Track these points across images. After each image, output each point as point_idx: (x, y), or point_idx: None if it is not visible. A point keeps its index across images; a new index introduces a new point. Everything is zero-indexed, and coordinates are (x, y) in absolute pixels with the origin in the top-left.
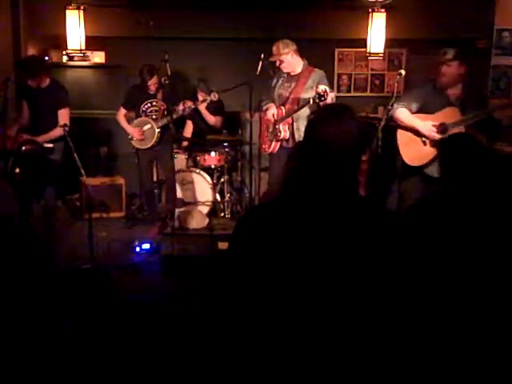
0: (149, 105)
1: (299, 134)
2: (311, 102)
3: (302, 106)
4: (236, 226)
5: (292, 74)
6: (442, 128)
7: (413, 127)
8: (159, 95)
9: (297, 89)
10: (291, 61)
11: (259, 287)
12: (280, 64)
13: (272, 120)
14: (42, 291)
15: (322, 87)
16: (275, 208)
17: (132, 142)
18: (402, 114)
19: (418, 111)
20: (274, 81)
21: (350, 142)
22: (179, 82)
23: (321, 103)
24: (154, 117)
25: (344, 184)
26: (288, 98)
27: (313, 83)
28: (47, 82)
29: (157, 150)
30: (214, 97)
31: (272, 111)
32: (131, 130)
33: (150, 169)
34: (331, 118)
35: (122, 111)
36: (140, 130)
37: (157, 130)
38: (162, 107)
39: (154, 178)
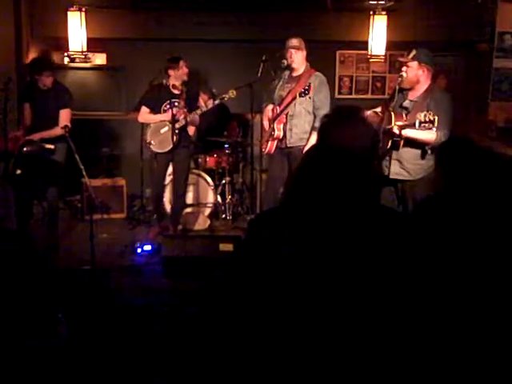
0: (169, 104)
1: (291, 135)
2: (297, 97)
3: (289, 103)
4: (248, 230)
5: (293, 75)
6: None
7: None
8: (182, 96)
9: (295, 89)
10: (301, 59)
11: (269, 294)
12: (291, 58)
13: (267, 120)
14: (41, 292)
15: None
16: (288, 213)
17: (151, 146)
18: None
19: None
20: (276, 82)
21: (365, 144)
22: (193, 84)
23: (306, 98)
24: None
25: (360, 188)
26: (285, 98)
27: (312, 87)
28: (52, 82)
29: (174, 152)
30: (233, 94)
31: (268, 112)
32: (168, 113)
33: (164, 172)
34: (345, 121)
35: (145, 110)
36: (179, 110)
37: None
38: (185, 109)
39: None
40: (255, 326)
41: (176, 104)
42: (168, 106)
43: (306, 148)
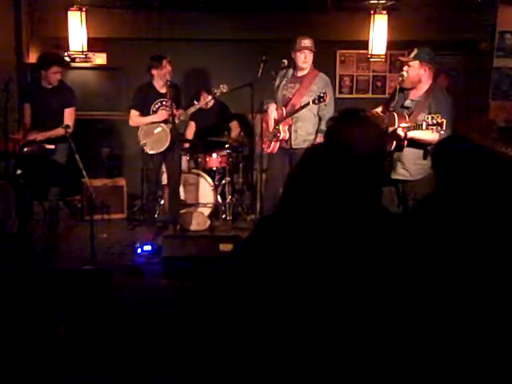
0: (159, 104)
1: (296, 136)
2: (311, 103)
3: (301, 108)
4: (253, 232)
5: (298, 75)
6: None
7: None
8: (169, 95)
9: (300, 91)
10: (311, 59)
11: (270, 295)
12: (306, 58)
13: (272, 120)
14: (42, 292)
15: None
16: (291, 216)
17: (145, 148)
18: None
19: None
20: (277, 81)
21: (372, 146)
22: (180, 85)
23: (320, 104)
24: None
25: (367, 190)
26: (291, 98)
27: (318, 89)
28: (58, 80)
29: (167, 151)
30: (224, 88)
31: (272, 111)
32: (159, 115)
33: (159, 172)
34: (352, 123)
35: (135, 113)
36: (167, 110)
37: (168, 132)
38: (174, 107)
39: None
40: (256, 326)
41: (164, 103)
42: (157, 106)
43: None
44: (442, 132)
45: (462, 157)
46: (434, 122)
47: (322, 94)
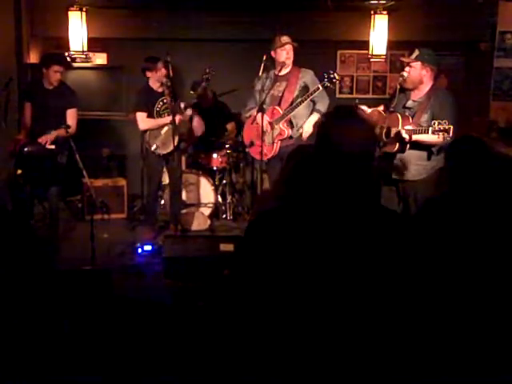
0: (161, 104)
1: (295, 132)
2: (320, 88)
3: (313, 93)
4: (247, 229)
5: (281, 73)
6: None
7: None
8: (166, 92)
9: (289, 88)
10: (292, 54)
11: (269, 289)
12: (288, 54)
13: (264, 123)
14: (42, 292)
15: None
16: (287, 212)
17: (156, 151)
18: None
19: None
20: (259, 85)
21: (363, 143)
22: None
23: (331, 85)
24: (167, 115)
25: (358, 187)
26: (282, 97)
27: (308, 83)
28: (58, 80)
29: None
30: (207, 69)
31: (257, 116)
32: (170, 118)
33: (162, 172)
34: (345, 119)
35: (143, 115)
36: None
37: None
38: (173, 103)
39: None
40: (258, 322)
41: (165, 101)
42: (159, 106)
43: (305, 126)
44: (449, 139)
45: (478, 159)
46: (441, 128)
47: (331, 75)
